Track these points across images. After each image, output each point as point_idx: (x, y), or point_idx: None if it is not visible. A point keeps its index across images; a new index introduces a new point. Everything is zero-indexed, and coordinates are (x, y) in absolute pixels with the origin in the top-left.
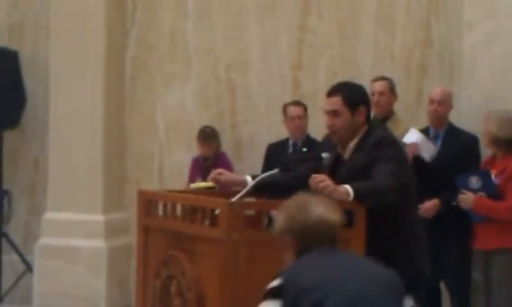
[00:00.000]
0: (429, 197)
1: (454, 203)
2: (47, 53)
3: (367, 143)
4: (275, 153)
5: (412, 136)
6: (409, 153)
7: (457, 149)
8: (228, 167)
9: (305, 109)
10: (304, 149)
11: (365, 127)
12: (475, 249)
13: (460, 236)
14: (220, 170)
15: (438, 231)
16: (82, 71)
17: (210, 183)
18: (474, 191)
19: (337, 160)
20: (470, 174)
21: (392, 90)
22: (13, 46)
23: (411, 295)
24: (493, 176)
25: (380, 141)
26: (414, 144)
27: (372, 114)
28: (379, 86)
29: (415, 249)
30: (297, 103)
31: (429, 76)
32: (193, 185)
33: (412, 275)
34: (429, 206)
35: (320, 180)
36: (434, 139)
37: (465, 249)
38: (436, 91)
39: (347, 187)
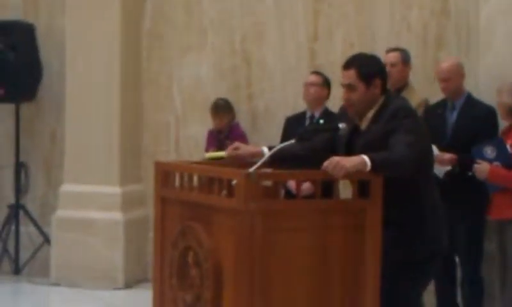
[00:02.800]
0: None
1: (470, 173)
2: (63, 26)
3: (384, 114)
4: (293, 126)
5: None
6: None
7: (474, 121)
8: (242, 137)
9: (325, 80)
10: (321, 121)
11: (383, 98)
12: (490, 219)
13: (473, 208)
14: (236, 144)
15: (451, 202)
16: (98, 44)
17: (224, 153)
18: (489, 161)
19: (354, 130)
20: (484, 144)
21: (404, 61)
22: (29, 19)
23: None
24: (508, 146)
25: (397, 112)
26: None
27: None
28: (391, 57)
29: (433, 219)
30: (316, 72)
31: (445, 47)
32: (207, 155)
33: (431, 246)
34: (446, 157)
35: (331, 168)
36: (451, 110)
37: (478, 220)
38: (442, 67)
39: (364, 157)
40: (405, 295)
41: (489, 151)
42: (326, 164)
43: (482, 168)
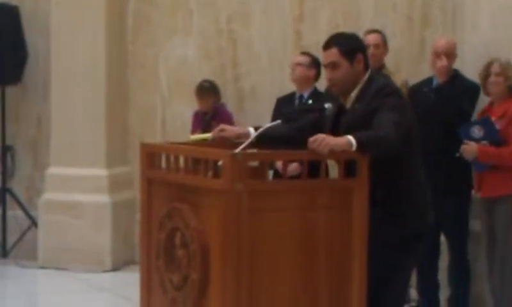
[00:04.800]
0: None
1: (458, 154)
2: (48, 7)
3: (368, 92)
4: (283, 106)
5: None
6: None
7: (457, 96)
8: (228, 118)
9: (312, 60)
10: (310, 102)
11: (366, 76)
12: (479, 197)
13: (458, 187)
14: (222, 126)
15: (436, 182)
16: (83, 26)
17: (210, 135)
18: (477, 140)
19: (340, 109)
20: (471, 124)
21: (385, 42)
22: (13, 1)
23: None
24: (495, 123)
25: (381, 90)
26: None
27: None
28: (373, 38)
29: (419, 197)
30: (304, 52)
31: (431, 26)
32: (193, 137)
33: (418, 224)
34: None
35: (317, 145)
36: (436, 89)
37: (464, 200)
38: (441, 42)
39: (349, 137)
40: (395, 275)
41: (477, 131)
42: (311, 140)
43: (470, 148)
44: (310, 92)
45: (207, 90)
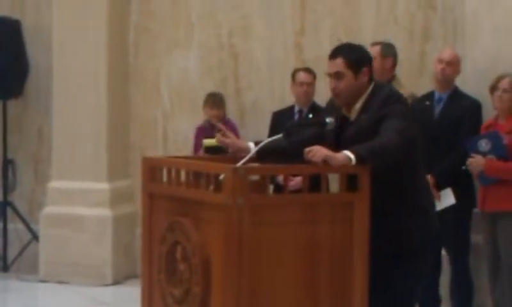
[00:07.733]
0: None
1: (464, 167)
2: (50, 21)
3: (373, 102)
4: (281, 121)
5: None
6: None
7: (458, 113)
8: (235, 132)
9: (314, 76)
10: (310, 116)
11: (371, 87)
12: (483, 212)
13: (459, 200)
14: (226, 132)
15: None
16: (85, 39)
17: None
18: (483, 154)
19: (342, 121)
20: (479, 137)
21: (383, 55)
22: (15, 14)
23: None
24: (503, 138)
25: (387, 98)
26: None
27: None
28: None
29: (425, 206)
30: (307, 69)
31: (432, 39)
32: (206, 142)
33: (425, 234)
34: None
35: (312, 155)
36: (437, 102)
37: (466, 213)
38: (446, 52)
39: (347, 152)
40: (406, 286)
41: (484, 144)
42: (307, 150)
43: (476, 162)
44: (309, 106)
45: (220, 99)
